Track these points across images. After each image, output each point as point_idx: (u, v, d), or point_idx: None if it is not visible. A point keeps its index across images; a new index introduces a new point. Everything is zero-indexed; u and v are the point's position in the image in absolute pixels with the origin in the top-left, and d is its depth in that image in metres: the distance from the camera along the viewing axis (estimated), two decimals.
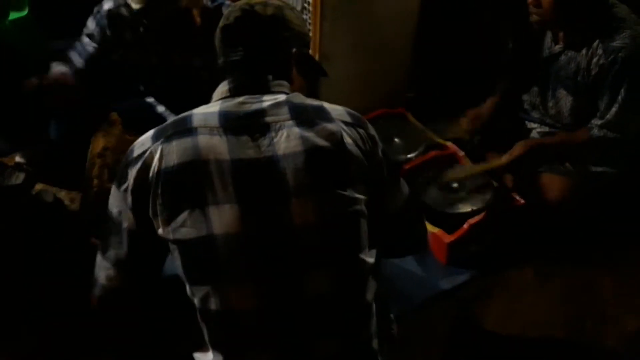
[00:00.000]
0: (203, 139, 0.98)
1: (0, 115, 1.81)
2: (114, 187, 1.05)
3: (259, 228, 0.96)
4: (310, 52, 1.29)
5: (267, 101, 1.03)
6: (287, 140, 0.98)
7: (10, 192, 1.43)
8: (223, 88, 1.08)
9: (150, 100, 2.04)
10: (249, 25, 1.09)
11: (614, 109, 1.70)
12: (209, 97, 1.13)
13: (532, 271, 1.90)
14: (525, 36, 1.88)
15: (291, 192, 0.96)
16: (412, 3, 2.18)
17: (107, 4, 1.77)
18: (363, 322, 1.03)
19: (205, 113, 1.02)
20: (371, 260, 1.03)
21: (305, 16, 1.94)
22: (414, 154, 1.89)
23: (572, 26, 1.72)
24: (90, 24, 1.79)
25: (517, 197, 1.72)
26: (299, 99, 1.06)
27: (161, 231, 0.99)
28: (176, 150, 0.98)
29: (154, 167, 0.98)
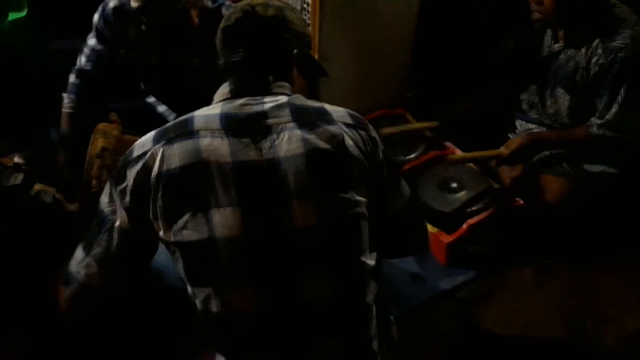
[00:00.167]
0: (204, 141, 0.98)
1: None
2: (108, 185, 1.04)
3: (260, 230, 0.96)
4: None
5: (268, 103, 1.03)
6: (289, 143, 0.98)
7: (9, 192, 1.43)
8: (224, 89, 1.08)
9: (150, 100, 2.04)
10: (250, 26, 1.09)
11: (614, 109, 1.70)
12: (208, 96, 1.13)
13: (532, 271, 1.90)
14: (525, 34, 1.88)
15: (292, 194, 0.96)
16: (411, 4, 2.18)
17: (112, 2, 1.77)
18: (363, 324, 1.03)
19: (207, 115, 1.02)
20: (372, 263, 1.03)
21: (304, 17, 1.94)
22: (414, 155, 1.89)
23: (573, 25, 1.72)
24: (98, 22, 1.79)
25: (517, 198, 1.73)
26: (300, 100, 1.05)
27: (162, 233, 0.98)
28: (178, 153, 0.98)
29: (155, 169, 0.98)
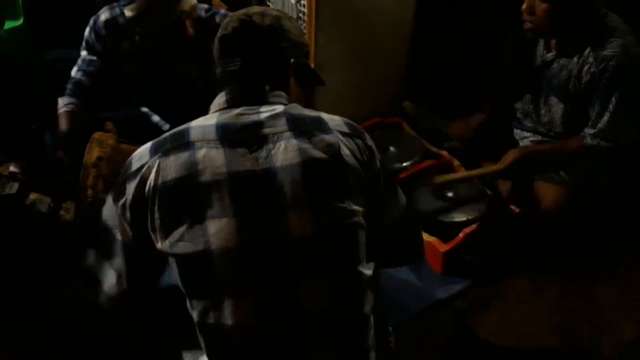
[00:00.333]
0: (200, 152, 0.98)
1: None
2: (110, 199, 1.04)
3: (256, 241, 0.96)
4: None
5: (264, 112, 1.03)
6: (285, 152, 0.98)
7: (4, 201, 1.42)
8: (220, 99, 1.08)
9: (145, 109, 2.04)
10: (246, 36, 1.09)
11: (606, 118, 1.71)
12: (204, 106, 1.13)
13: (528, 280, 1.90)
14: (518, 44, 1.90)
15: (288, 204, 0.96)
16: (407, 13, 2.19)
17: (103, 15, 1.77)
18: (361, 335, 1.02)
19: (203, 126, 1.02)
20: (369, 273, 1.03)
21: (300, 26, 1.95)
22: (409, 163, 1.90)
23: (564, 34, 1.74)
24: (89, 36, 1.79)
25: (512, 206, 1.73)
26: (297, 110, 1.06)
27: (160, 245, 0.98)
28: (173, 165, 0.98)
29: (150, 182, 0.98)
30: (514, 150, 1.77)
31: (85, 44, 1.81)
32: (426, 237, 1.57)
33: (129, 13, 1.62)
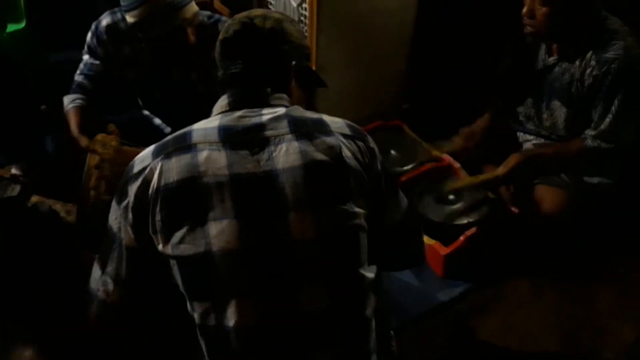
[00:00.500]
0: (202, 155, 0.98)
1: None
2: (113, 202, 1.05)
3: (257, 243, 0.96)
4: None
5: (266, 115, 1.03)
6: (286, 154, 0.98)
7: (6, 204, 1.43)
8: (222, 102, 1.08)
9: (146, 113, 2.05)
10: (248, 39, 1.09)
11: (608, 120, 1.71)
12: (205, 109, 1.13)
13: (529, 283, 1.90)
14: (520, 48, 1.90)
15: (290, 206, 0.96)
16: (407, 15, 2.20)
17: (105, 20, 1.77)
18: (362, 338, 1.02)
19: (205, 128, 1.02)
20: (371, 275, 1.03)
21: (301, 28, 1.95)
22: (410, 166, 1.90)
23: (565, 38, 1.74)
24: (90, 41, 1.80)
25: (513, 210, 1.73)
26: (299, 112, 1.06)
27: (161, 247, 0.98)
28: (175, 167, 0.98)
29: (153, 184, 0.98)
30: (516, 154, 1.77)
31: (87, 48, 1.82)
32: (427, 240, 1.57)
33: (130, 19, 1.62)
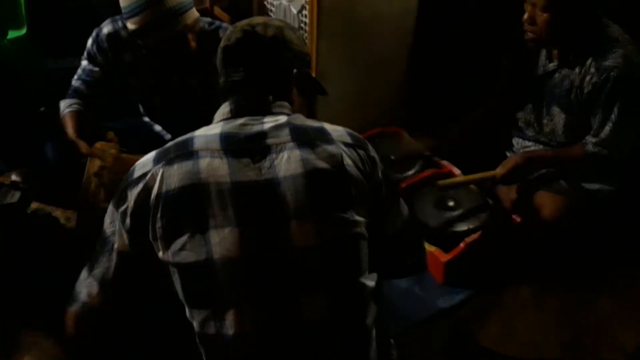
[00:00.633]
0: (204, 162, 0.98)
1: None
2: (111, 206, 1.04)
3: (258, 251, 0.96)
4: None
5: (268, 123, 1.03)
6: (288, 162, 0.98)
7: (6, 210, 1.42)
8: (224, 109, 1.08)
9: (146, 120, 2.05)
10: (250, 46, 1.10)
11: (608, 127, 1.71)
12: (205, 116, 1.13)
13: (529, 290, 1.90)
14: (520, 53, 1.91)
15: (291, 214, 0.96)
16: (407, 21, 2.21)
17: (106, 28, 1.78)
18: (362, 346, 1.02)
19: (207, 135, 1.02)
20: (371, 284, 1.03)
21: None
22: (410, 173, 1.90)
23: (565, 44, 1.75)
24: (91, 47, 1.80)
25: (514, 216, 1.73)
26: (300, 120, 1.06)
27: (161, 254, 0.98)
28: (177, 174, 0.98)
29: (155, 190, 0.98)
30: (515, 156, 1.78)
31: (86, 54, 1.82)
32: (427, 246, 1.57)
33: (131, 26, 1.62)
